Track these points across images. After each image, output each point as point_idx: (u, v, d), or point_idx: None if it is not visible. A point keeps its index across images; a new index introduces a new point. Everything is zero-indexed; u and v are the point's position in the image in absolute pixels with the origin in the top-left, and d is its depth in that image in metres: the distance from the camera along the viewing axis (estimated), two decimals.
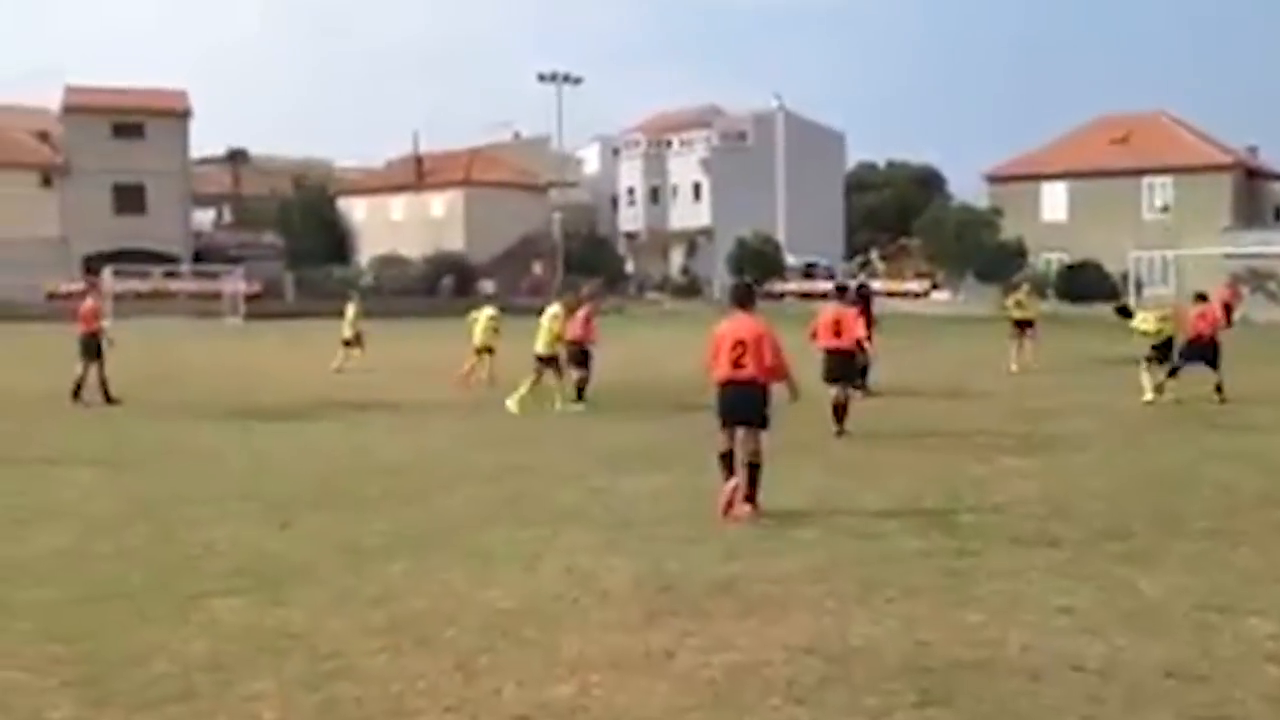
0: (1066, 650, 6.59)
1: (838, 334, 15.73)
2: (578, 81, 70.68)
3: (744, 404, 10.35)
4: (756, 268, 70.60)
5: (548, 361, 18.97)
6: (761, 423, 10.35)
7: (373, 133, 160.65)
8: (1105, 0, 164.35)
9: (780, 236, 77.76)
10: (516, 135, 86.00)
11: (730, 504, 10.14)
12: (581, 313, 19.72)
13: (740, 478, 10.24)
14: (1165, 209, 61.85)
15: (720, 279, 69.64)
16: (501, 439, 15.60)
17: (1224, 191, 62.58)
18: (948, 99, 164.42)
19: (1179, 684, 6.08)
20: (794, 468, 12.77)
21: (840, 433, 15.41)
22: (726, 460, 10.39)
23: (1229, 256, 55.15)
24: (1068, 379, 23.77)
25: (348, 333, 27.06)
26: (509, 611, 7.44)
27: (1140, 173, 63.67)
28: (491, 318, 22.77)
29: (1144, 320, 20.01)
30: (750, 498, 10.26)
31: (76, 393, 19.88)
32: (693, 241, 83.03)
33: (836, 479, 12.13)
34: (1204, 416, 17.49)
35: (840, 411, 15.54)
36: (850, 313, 16.49)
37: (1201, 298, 21.19)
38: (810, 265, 75.14)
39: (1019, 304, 26.44)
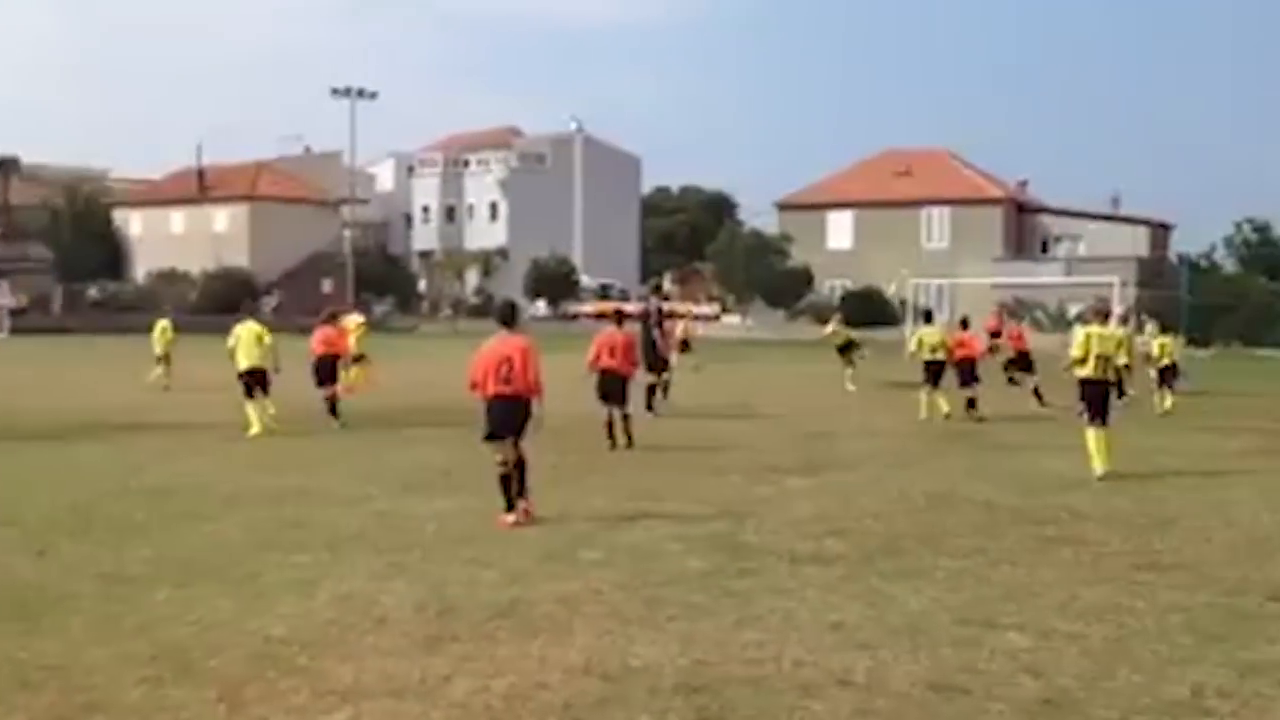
0: (836, 665, 6.76)
1: (613, 355, 16.73)
2: (373, 97, 69.61)
3: (509, 417, 10.96)
4: (552, 289, 70.85)
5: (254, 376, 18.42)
6: (522, 432, 10.99)
7: (154, 144, 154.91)
8: (891, 40, 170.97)
9: (576, 258, 78.23)
10: (307, 150, 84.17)
11: (526, 515, 10.85)
12: (331, 328, 20.34)
13: (512, 486, 10.91)
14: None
15: (516, 300, 69.46)
16: (281, 461, 15.17)
17: (995, 223, 65.81)
18: (742, 127, 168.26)
19: (941, 696, 6.29)
20: (581, 489, 12.83)
21: (613, 446, 16.15)
22: (506, 480, 10.92)
23: (997, 286, 57.90)
24: (849, 401, 24.53)
25: (158, 350, 27.06)
26: (280, 639, 7.21)
27: (920, 204, 66.43)
28: (359, 324, 23.87)
29: (919, 343, 21.54)
30: (522, 496, 10.97)
31: None
32: (488, 262, 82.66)
33: (623, 500, 12.19)
34: (968, 437, 18.29)
35: (611, 429, 16.32)
36: (626, 336, 17.43)
37: (963, 324, 22.86)
38: (605, 287, 75.73)
39: (834, 333, 27.90)
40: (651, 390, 20.65)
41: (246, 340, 18.71)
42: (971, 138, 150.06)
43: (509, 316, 11.62)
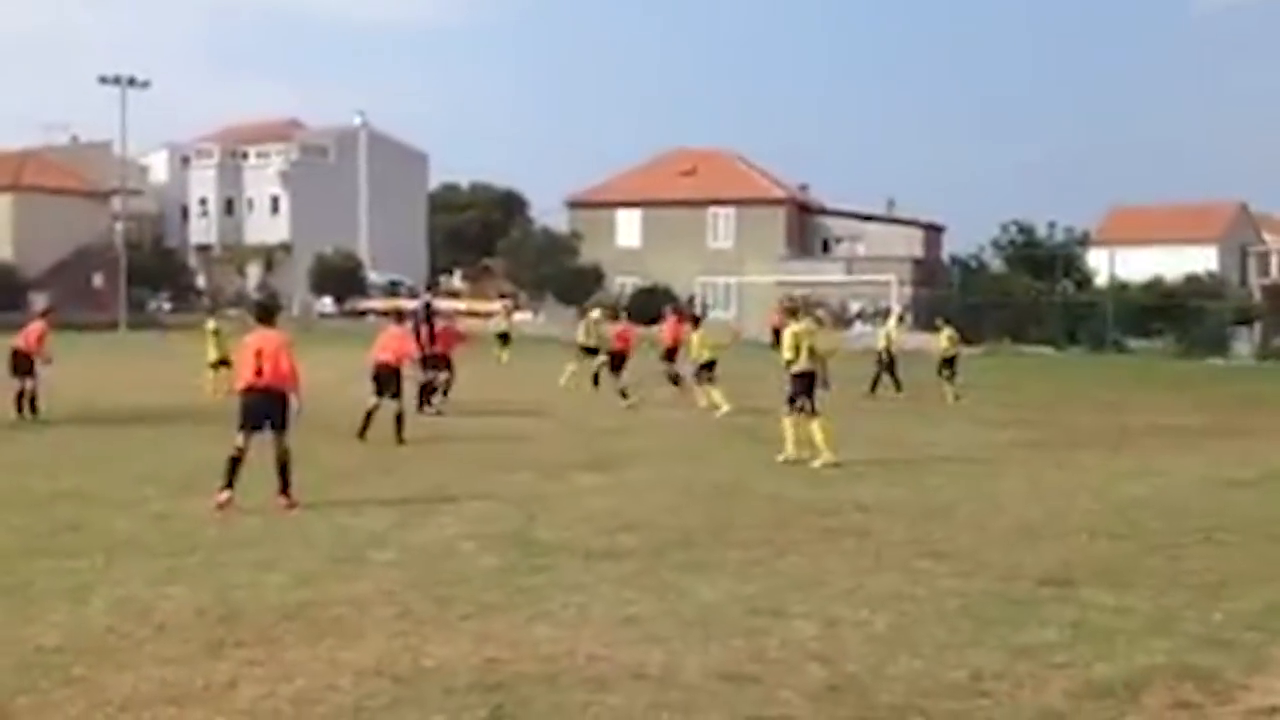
0: (630, 659, 6.81)
1: (384, 349, 17.40)
2: (145, 85, 66.74)
3: (264, 408, 11.42)
4: (338, 285, 69.39)
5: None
6: (282, 424, 11.42)
7: None
8: (677, 41, 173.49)
9: (363, 254, 76.79)
10: (74, 139, 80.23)
11: (227, 503, 11.09)
12: (34, 327, 20.19)
13: (277, 478, 11.34)
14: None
15: (301, 295, 67.87)
16: (53, 462, 14.44)
17: (779, 224, 67.46)
18: (532, 125, 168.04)
19: (732, 686, 6.41)
20: (370, 487, 12.61)
21: (362, 436, 16.39)
22: (234, 464, 11.23)
23: (781, 284, 59.40)
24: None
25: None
26: (52, 649, 6.85)
27: (706, 204, 67.59)
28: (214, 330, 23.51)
29: (700, 343, 22.38)
30: (285, 492, 11.36)
31: None
32: (270, 256, 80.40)
33: (413, 498, 12.03)
34: (748, 431, 18.68)
35: (368, 419, 16.64)
36: (402, 331, 18.19)
37: (696, 320, 24.97)
38: (394, 284, 74.58)
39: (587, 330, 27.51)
40: (423, 389, 20.68)
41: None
42: (756, 141, 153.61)
43: (266, 313, 12.50)
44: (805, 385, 15.20)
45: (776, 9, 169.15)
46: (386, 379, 16.93)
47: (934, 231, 71.87)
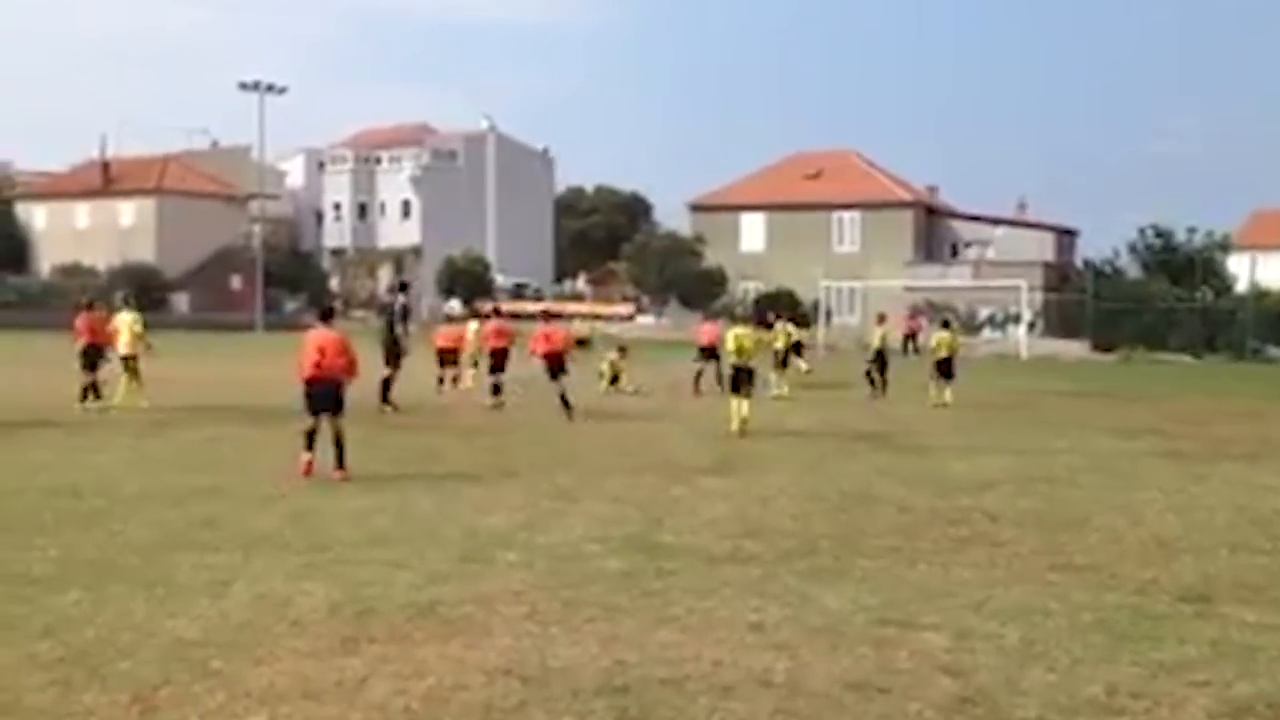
0: (755, 666, 6.78)
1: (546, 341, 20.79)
2: (282, 91, 68.58)
3: (325, 397, 13.35)
4: (466, 287, 70.42)
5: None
6: (338, 409, 13.35)
7: (57, 136, 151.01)
8: (801, 42, 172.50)
9: (490, 257, 77.80)
10: (215, 144, 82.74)
11: (309, 468, 13.08)
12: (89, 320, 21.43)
13: (333, 453, 13.11)
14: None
15: (430, 299, 69.03)
16: (193, 460, 14.89)
17: (906, 227, 66.66)
18: (656, 128, 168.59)
19: (860, 696, 6.34)
20: (499, 491, 12.76)
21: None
22: (310, 437, 13.27)
23: (909, 289, 58.67)
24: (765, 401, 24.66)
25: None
26: (192, 642, 7.06)
27: (831, 208, 67.07)
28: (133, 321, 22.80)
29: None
30: (340, 465, 13.13)
31: None
32: (400, 260, 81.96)
33: (540, 500, 12.14)
34: (879, 438, 18.48)
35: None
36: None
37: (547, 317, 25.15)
38: (519, 286, 75.47)
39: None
40: (386, 383, 21.26)
41: (126, 328, 21.32)
42: (882, 142, 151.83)
43: (325, 315, 14.28)
44: (738, 375, 18.84)
45: (899, 7, 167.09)
46: (555, 367, 20.57)
47: (1067, 235, 70.36)
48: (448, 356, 25.88)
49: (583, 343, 37.30)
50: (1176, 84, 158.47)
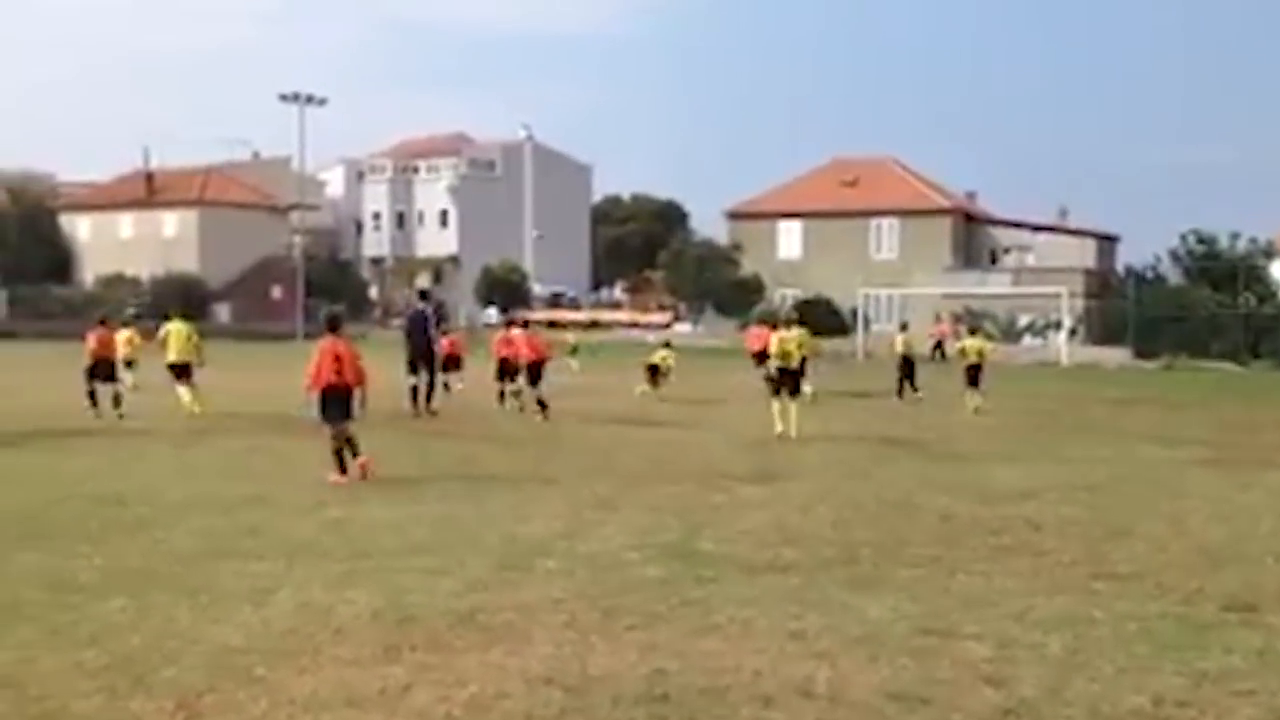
0: (797, 675, 6.76)
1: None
2: (322, 103, 69.11)
3: (343, 403, 13.85)
4: (503, 296, 70.73)
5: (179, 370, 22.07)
6: (350, 414, 13.92)
7: (100, 147, 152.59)
8: (835, 48, 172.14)
9: (527, 266, 78.10)
10: (255, 155, 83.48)
11: (364, 469, 13.63)
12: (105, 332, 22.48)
13: (348, 453, 13.72)
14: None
15: (468, 308, 69.35)
16: (232, 469, 15.01)
17: (945, 234, 66.38)
18: (692, 136, 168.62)
19: (902, 706, 6.31)
20: (538, 498, 12.79)
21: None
22: (349, 442, 13.75)
23: (948, 296, 58.36)
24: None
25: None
26: (236, 649, 7.12)
27: (869, 214, 66.87)
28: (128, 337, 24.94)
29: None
30: (355, 454, 13.74)
31: None
32: (439, 269, 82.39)
33: (579, 508, 12.16)
34: (919, 446, 18.39)
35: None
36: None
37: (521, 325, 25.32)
38: (556, 295, 75.67)
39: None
40: (415, 391, 21.56)
41: (175, 337, 22.05)
42: (920, 148, 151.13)
43: (335, 323, 14.42)
44: (784, 377, 19.40)
45: (938, 12, 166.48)
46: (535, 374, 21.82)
47: (1108, 242, 69.83)
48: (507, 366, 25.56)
49: (575, 350, 38.38)
50: (1217, 90, 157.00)
